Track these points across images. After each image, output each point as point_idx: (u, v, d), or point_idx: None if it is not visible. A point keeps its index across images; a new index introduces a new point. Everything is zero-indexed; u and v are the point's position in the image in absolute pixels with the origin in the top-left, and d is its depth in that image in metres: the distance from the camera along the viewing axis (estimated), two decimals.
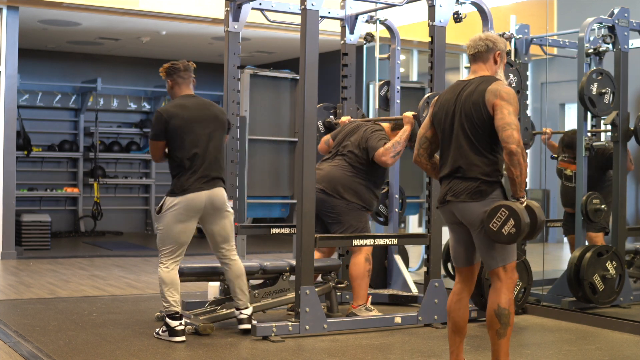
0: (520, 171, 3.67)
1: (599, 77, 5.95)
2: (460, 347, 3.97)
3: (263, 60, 12.69)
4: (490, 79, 3.85)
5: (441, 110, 3.94)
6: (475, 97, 3.79)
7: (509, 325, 3.76)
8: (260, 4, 6.11)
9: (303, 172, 5.02)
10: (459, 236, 3.94)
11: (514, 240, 3.66)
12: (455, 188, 3.83)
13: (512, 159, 3.66)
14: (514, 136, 3.65)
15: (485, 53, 3.91)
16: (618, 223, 6.06)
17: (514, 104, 3.74)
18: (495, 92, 3.75)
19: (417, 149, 4.09)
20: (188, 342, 4.83)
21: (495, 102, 3.73)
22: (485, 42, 3.91)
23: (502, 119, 3.69)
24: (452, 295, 3.99)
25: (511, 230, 3.63)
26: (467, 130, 3.79)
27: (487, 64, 3.93)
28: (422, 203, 8.13)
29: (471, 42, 3.96)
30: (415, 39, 9.50)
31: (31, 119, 11.94)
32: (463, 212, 3.81)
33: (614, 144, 6.11)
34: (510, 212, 3.63)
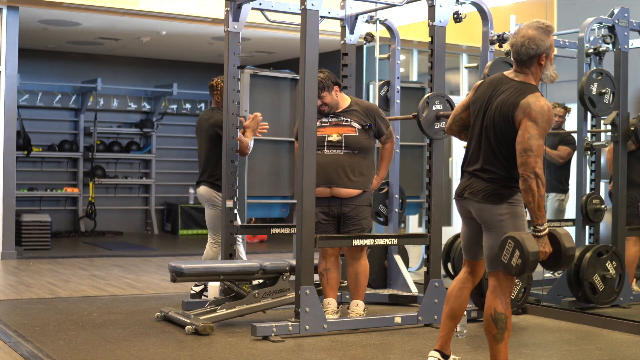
0: (533, 198, 3.56)
1: (599, 77, 5.95)
2: (450, 333, 3.99)
3: (263, 60, 12.69)
4: (527, 89, 3.68)
5: (477, 102, 3.86)
6: (506, 110, 3.68)
7: (506, 329, 3.74)
8: (260, 4, 6.11)
9: (303, 172, 5.02)
10: (471, 231, 3.93)
11: (524, 271, 3.55)
12: (475, 186, 3.80)
13: (524, 185, 3.58)
14: (529, 164, 3.55)
15: (528, 60, 3.73)
16: (618, 223, 6.06)
17: (542, 123, 3.59)
18: (526, 110, 3.61)
19: (450, 123, 4.07)
20: (188, 342, 4.83)
21: (522, 121, 3.61)
22: (527, 49, 3.69)
23: (521, 142, 3.59)
24: (455, 282, 3.98)
25: (518, 261, 3.54)
26: (492, 137, 3.74)
27: (530, 69, 3.76)
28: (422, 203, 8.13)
29: (513, 44, 3.72)
30: (415, 39, 9.49)
31: (31, 119, 11.94)
32: (478, 211, 3.79)
33: (614, 144, 6.11)
34: (515, 243, 3.56)
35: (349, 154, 5.38)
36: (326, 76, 5.38)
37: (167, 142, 13.17)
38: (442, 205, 5.53)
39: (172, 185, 13.26)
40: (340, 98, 5.48)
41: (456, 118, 4.04)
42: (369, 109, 5.51)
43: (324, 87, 5.36)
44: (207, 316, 5.25)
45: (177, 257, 9.38)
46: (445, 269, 6.28)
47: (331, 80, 5.41)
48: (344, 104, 5.50)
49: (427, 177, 5.55)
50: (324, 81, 5.35)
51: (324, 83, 5.35)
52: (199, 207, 12.63)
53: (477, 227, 3.88)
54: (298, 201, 5.06)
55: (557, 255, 3.62)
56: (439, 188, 5.48)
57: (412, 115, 5.41)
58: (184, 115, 13.22)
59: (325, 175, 5.34)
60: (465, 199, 3.85)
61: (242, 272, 5.42)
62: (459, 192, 3.91)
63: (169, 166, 13.22)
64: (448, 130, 4.12)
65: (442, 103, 5.27)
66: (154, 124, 12.74)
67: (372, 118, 5.47)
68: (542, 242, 3.59)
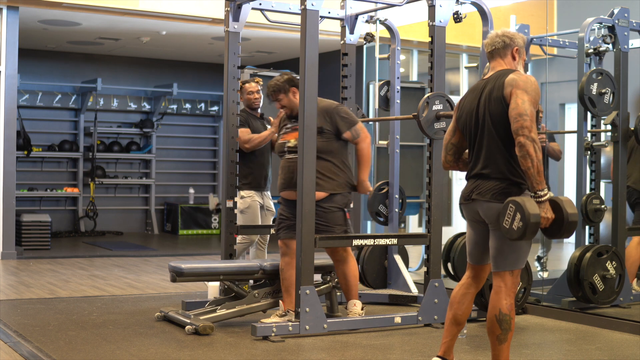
0: (532, 163, 3.55)
1: (599, 77, 5.95)
2: (454, 339, 3.96)
3: (263, 60, 12.69)
4: (508, 71, 3.80)
5: (465, 113, 3.90)
6: (496, 93, 3.74)
7: (509, 330, 3.73)
8: (260, 4, 6.11)
9: (303, 172, 5.02)
10: (477, 234, 3.91)
11: (525, 234, 3.52)
12: (482, 187, 3.78)
13: (522, 151, 3.57)
14: (525, 127, 3.57)
15: (503, 49, 3.87)
16: (618, 223, 6.06)
17: (531, 91, 3.66)
18: (512, 82, 3.70)
19: (445, 157, 4.05)
20: (188, 342, 4.84)
21: (512, 92, 3.67)
22: (502, 38, 3.87)
23: (514, 108, 3.63)
24: (458, 288, 3.96)
25: (519, 224, 3.52)
26: (492, 129, 3.74)
27: (505, 60, 3.88)
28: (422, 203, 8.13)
29: (488, 39, 3.92)
30: (415, 39, 9.50)
31: (31, 119, 11.94)
32: (487, 211, 3.77)
33: (614, 144, 6.12)
34: (516, 206, 3.54)
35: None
36: (284, 79, 5.30)
37: (167, 142, 13.17)
38: (442, 205, 5.53)
39: (172, 185, 13.26)
40: (295, 99, 5.33)
41: (448, 147, 4.03)
42: (325, 110, 5.27)
43: (280, 90, 5.28)
44: (207, 316, 5.25)
45: (177, 257, 9.38)
46: (445, 269, 6.27)
47: (288, 83, 5.30)
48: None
49: (427, 177, 5.55)
50: (280, 84, 5.27)
51: (279, 86, 5.27)
52: (199, 207, 12.64)
53: (484, 230, 3.86)
54: (298, 201, 5.06)
55: (560, 222, 3.59)
56: (439, 188, 5.48)
57: (412, 115, 5.41)
58: (184, 115, 13.23)
59: (291, 180, 5.27)
60: (473, 200, 3.82)
61: (242, 272, 5.42)
62: (465, 196, 3.88)
63: (169, 166, 13.22)
64: (444, 164, 4.10)
65: (442, 103, 5.27)
66: (154, 124, 12.74)
67: (328, 118, 5.25)
68: (543, 207, 3.57)
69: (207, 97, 13.18)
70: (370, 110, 8.78)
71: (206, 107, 13.25)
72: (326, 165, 5.26)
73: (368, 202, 6.57)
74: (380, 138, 6.99)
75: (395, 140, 6.52)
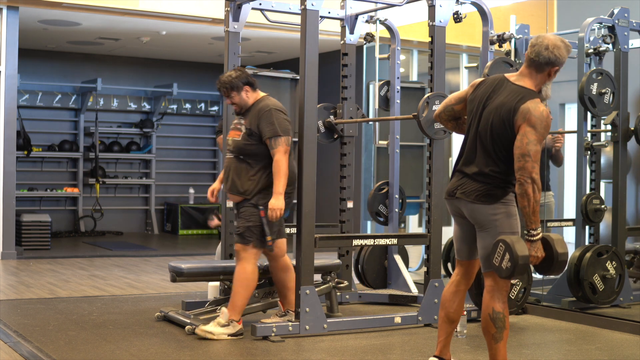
0: (528, 202, 3.57)
1: (599, 77, 5.95)
2: (449, 337, 3.97)
3: (263, 60, 12.69)
4: (528, 94, 3.68)
5: (475, 101, 3.85)
6: (505, 114, 3.67)
7: (504, 328, 3.74)
8: (260, 4, 6.11)
9: (303, 172, 5.02)
10: (463, 230, 3.92)
11: (513, 274, 3.57)
12: (467, 187, 3.79)
13: (520, 189, 3.59)
14: (527, 169, 3.56)
15: (545, 65, 3.73)
16: (618, 223, 6.06)
17: (540, 129, 3.60)
18: (525, 115, 3.62)
19: (440, 112, 4.06)
20: (188, 342, 4.83)
21: (522, 126, 3.61)
22: (551, 54, 3.69)
23: (520, 147, 3.60)
24: (448, 286, 3.97)
25: (507, 264, 3.57)
26: (488, 138, 3.74)
27: (538, 75, 3.75)
28: (422, 203, 8.13)
29: (537, 44, 3.72)
30: (415, 39, 9.49)
31: (31, 119, 11.94)
32: (471, 212, 3.78)
33: (614, 144, 6.11)
34: (505, 247, 3.58)
35: (237, 158, 5.08)
36: (237, 76, 5.08)
37: (167, 142, 13.17)
38: (442, 205, 5.52)
39: (172, 185, 13.26)
40: (252, 98, 5.12)
41: (448, 108, 4.04)
42: (259, 111, 5.05)
43: (232, 87, 5.07)
44: (207, 316, 5.25)
45: (177, 257, 9.38)
46: (445, 269, 6.28)
47: (242, 81, 5.07)
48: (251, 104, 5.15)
49: (427, 177, 5.55)
50: (233, 81, 5.07)
51: (233, 83, 5.06)
52: (199, 207, 12.64)
53: (470, 226, 3.87)
54: (298, 201, 5.06)
55: (550, 260, 3.66)
56: (439, 188, 5.48)
57: (412, 115, 5.41)
58: (184, 115, 13.22)
59: (227, 181, 5.13)
60: (457, 198, 3.84)
61: None
62: (450, 192, 3.89)
63: (169, 166, 13.22)
64: (436, 116, 4.12)
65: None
66: (154, 124, 12.74)
67: (257, 120, 5.02)
68: (535, 246, 3.63)
69: (207, 97, 13.18)
70: (370, 110, 8.77)
71: (206, 107, 13.25)
72: (252, 170, 5.02)
73: (368, 202, 6.57)
74: (380, 138, 6.98)
75: (395, 140, 6.52)
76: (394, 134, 6.53)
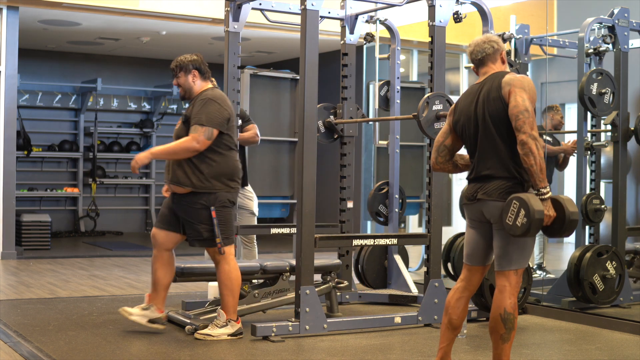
0: (534, 160, 3.58)
1: (599, 77, 5.95)
2: (450, 345, 3.94)
3: (263, 60, 12.69)
4: (502, 72, 3.85)
5: (462, 116, 3.89)
6: (494, 94, 3.76)
7: (513, 329, 3.72)
8: (260, 4, 6.11)
9: (303, 172, 5.02)
10: (481, 235, 3.88)
11: (529, 230, 3.54)
12: (488, 187, 3.77)
13: (524, 148, 3.60)
14: (527, 125, 3.60)
15: (493, 54, 3.91)
16: (618, 223, 6.06)
17: (529, 90, 3.69)
18: (509, 81, 3.73)
19: (435, 158, 4.03)
20: (188, 342, 4.84)
21: (510, 90, 3.70)
22: (490, 43, 3.91)
23: (515, 106, 3.66)
24: (453, 292, 3.95)
25: (523, 220, 3.54)
26: (493, 130, 3.75)
27: (495, 64, 3.92)
28: (422, 203, 8.13)
29: (475, 47, 3.93)
30: (415, 39, 9.49)
31: (31, 119, 11.94)
32: (493, 210, 3.75)
33: (614, 144, 6.12)
34: (520, 203, 3.56)
35: None
36: (191, 59, 5.02)
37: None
38: (442, 205, 5.53)
39: None
40: (198, 86, 5.02)
41: (440, 148, 4.01)
42: (197, 99, 4.97)
43: (181, 67, 5.02)
44: (207, 316, 5.25)
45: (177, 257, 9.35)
46: (445, 269, 6.28)
47: (192, 64, 5.00)
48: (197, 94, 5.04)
49: (427, 177, 5.55)
50: (184, 61, 5.02)
51: (183, 63, 5.01)
52: None
53: (488, 231, 3.84)
54: (298, 201, 5.06)
55: (561, 220, 3.63)
56: (439, 188, 5.48)
57: (412, 115, 5.41)
58: None
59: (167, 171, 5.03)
60: (478, 200, 3.80)
61: (242, 272, 5.41)
62: (469, 196, 3.85)
63: None
64: (434, 165, 4.07)
65: (442, 103, 5.27)
66: (154, 124, 12.74)
67: (192, 108, 4.95)
68: (546, 205, 3.61)
69: None
70: (370, 110, 8.78)
71: None
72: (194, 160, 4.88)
73: (368, 202, 6.58)
74: (380, 138, 6.99)
75: (395, 140, 6.52)
76: (394, 134, 6.53)
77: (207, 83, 5.08)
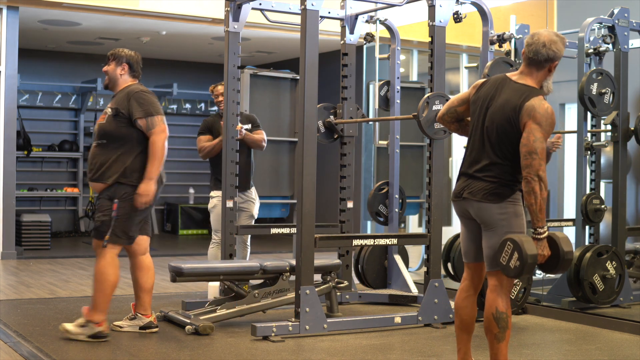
0: (535, 200, 3.57)
1: (599, 77, 5.95)
2: (468, 344, 3.96)
3: (263, 60, 12.69)
4: (531, 92, 3.70)
5: (478, 101, 3.85)
6: (509, 112, 3.68)
7: (507, 328, 3.73)
8: (260, 4, 6.11)
9: (303, 172, 5.02)
10: (470, 231, 3.90)
11: (522, 273, 3.57)
12: (474, 186, 3.78)
13: (527, 187, 3.59)
14: (534, 166, 3.57)
15: (545, 62, 3.74)
16: (618, 223, 6.06)
17: (546, 126, 3.62)
18: (530, 112, 3.63)
19: (443, 114, 4.04)
20: (188, 342, 4.83)
21: (527, 123, 3.62)
22: (549, 50, 3.70)
23: (525, 145, 3.60)
24: (459, 293, 3.96)
25: (516, 263, 3.56)
26: (493, 136, 3.74)
27: (539, 73, 3.76)
28: (422, 203, 8.13)
29: (533, 43, 3.72)
30: (415, 39, 9.49)
31: (31, 119, 11.94)
32: (478, 211, 3.77)
33: (614, 144, 6.12)
34: (514, 245, 3.57)
35: (99, 144, 4.90)
36: (128, 54, 5.00)
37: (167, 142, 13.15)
38: (442, 205, 5.53)
39: (172, 185, 13.25)
40: (123, 80, 5.00)
41: (451, 110, 4.03)
42: (128, 93, 4.93)
43: (115, 57, 4.98)
44: (207, 316, 5.25)
45: (177, 257, 9.38)
46: (445, 269, 6.28)
47: (126, 58, 4.98)
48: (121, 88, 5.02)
49: (427, 177, 5.55)
50: (119, 53, 4.97)
51: (118, 54, 4.96)
52: (199, 207, 12.64)
53: (477, 227, 3.87)
54: (298, 201, 5.06)
55: (556, 259, 3.65)
56: (439, 188, 5.48)
57: (412, 115, 5.41)
58: (184, 115, 13.22)
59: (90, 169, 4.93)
60: (464, 199, 3.83)
61: (242, 272, 5.43)
62: (457, 193, 3.89)
63: (168, 166, 13.14)
64: (439, 119, 4.10)
65: (442, 103, 5.27)
66: None
67: (127, 101, 4.88)
68: (541, 245, 3.62)
69: (207, 97, 13.17)
70: (370, 110, 8.78)
71: (206, 107, 13.24)
72: (114, 154, 4.84)
73: (368, 202, 6.58)
74: (380, 138, 6.99)
75: (395, 140, 6.52)
76: (394, 134, 6.53)
77: (135, 81, 5.07)
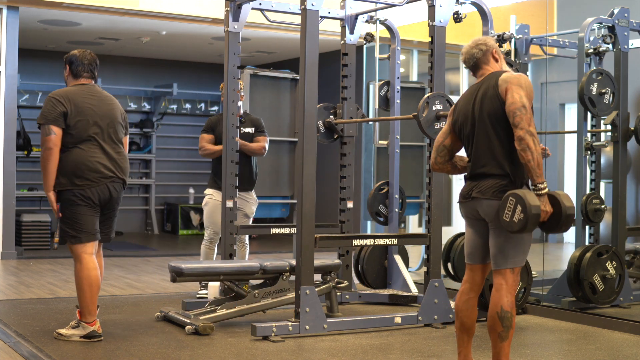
0: (532, 156, 3.59)
1: (599, 77, 5.95)
2: (468, 346, 3.96)
3: (263, 60, 12.69)
4: (499, 72, 3.87)
5: (460, 116, 3.92)
6: (491, 92, 3.78)
7: (511, 327, 3.74)
8: (260, 4, 6.11)
9: (303, 172, 5.02)
10: (477, 232, 3.90)
11: (526, 226, 3.56)
12: (482, 185, 3.79)
13: (521, 144, 3.61)
14: (524, 121, 3.61)
15: (483, 56, 3.93)
16: (618, 223, 6.06)
17: (525, 87, 3.71)
18: (506, 79, 3.75)
19: (435, 158, 4.05)
20: (188, 342, 4.84)
21: (507, 88, 3.72)
22: (478, 47, 3.94)
23: (512, 103, 3.67)
24: (460, 295, 3.97)
25: (520, 216, 3.55)
26: (489, 128, 3.77)
27: (489, 65, 3.94)
28: (422, 203, 8.13)
29: (465, 55, 3.97)
30: (415, 39, 9.50)
31: (31, 119, 11.92)
32: (487, 209, 3.77)
33: (614, 144, 6.12)
34: (517, 199, 3.58)
35: None
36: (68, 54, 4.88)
37: (167, 142, 13.17)
38: (442, 205, 5.53)
39: (172, 185, 13.26)
40: (69, 82, 4.91)
41: (439, 148, 4.03)
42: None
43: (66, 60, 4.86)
44: (207, 316, 5.25)
45: (177, 257, 9.38)
46: (445, 269, 6.28)
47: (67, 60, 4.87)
48: None
49: (427, 177, 5.55)
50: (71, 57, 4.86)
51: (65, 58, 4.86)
52: (199, 207, 12.64)
53: (484, 227, 3.86)
54: (298, 201, 5.06)
55: (558, 216, 3.64)
56: (439, 188, 5.48)
57: (412, 115, 5.41)
58: (184, 115, 13.23)
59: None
60: (473, 198, 3.83)
61: (242, 272, 5.43)
62: (464, 194, 3.88)
63: (169, 166, 13.22)
64: (433, 165, 4.09)
65: (442, 103, 5.27)
66: (154, 124, 12.74)
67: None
68: (542, 200, 3.62)
69: (207, 97, 13.18)
70: (370, 110, 8.78)
71: (206, 107, 13.25)
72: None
73: (368, 202, 6.58)
74: (380, 138, 6.99)
75: (395, 140, 6.53)
76: (394, 134, 6.53)
77: (79, 81, 4.90)
